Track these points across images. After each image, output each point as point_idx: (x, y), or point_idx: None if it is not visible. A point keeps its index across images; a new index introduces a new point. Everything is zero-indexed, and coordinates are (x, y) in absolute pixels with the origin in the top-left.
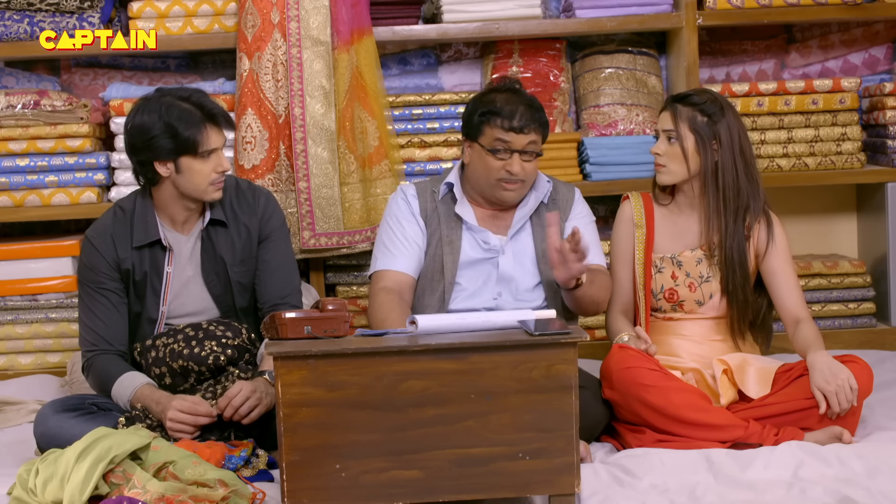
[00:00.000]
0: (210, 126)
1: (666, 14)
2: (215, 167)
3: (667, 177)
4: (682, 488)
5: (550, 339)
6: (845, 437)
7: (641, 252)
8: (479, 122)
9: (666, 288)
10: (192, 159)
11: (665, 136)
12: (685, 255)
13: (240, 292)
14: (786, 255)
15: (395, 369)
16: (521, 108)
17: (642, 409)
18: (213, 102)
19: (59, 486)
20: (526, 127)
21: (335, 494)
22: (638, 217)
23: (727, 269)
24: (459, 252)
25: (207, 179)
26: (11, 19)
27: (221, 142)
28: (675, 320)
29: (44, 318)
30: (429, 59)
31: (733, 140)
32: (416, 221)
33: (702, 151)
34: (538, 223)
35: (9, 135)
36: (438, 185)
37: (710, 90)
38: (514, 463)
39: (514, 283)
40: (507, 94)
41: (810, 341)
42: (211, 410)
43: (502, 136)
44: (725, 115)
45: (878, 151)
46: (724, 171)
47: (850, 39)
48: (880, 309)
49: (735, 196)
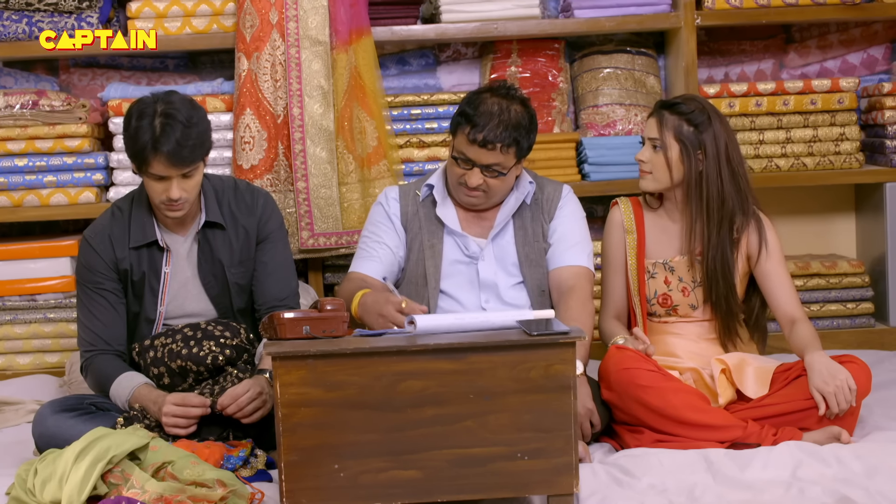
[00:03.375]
0: (156, 156)
1: (664, 14)
2: (164, 191)
3: (650, 184)
4: (680, 488)
5: (549, 339)
6: (844, 437)
7: (633, 258)
8: (456, 122)
9: (659, 293)
10: (144, 174)
11: (650, 144)
12: (676, 260)
13: (238, 293)
14: (778, 257)
15: (394, 369)
16: (493, 125)
17: (640, 410)
18: (174, 133)
19: (58, 487)
20: (490, 143)
21: (334, 494)
22: (628, 223)
23: (710, 280)
24: (441, 256)
25: (158, 199)
26: (10, 19)
27: (173, 173)
28: (670, 323)
29: (42, 319)
30: (427, 59)
31: (719, 150)
32: (393, 227)
33: (686, 161)
34: (520, 225)
35: (7, 135)
36: (422, 187)
37: (698, 97)
38: (512, 463)
39: (497, 288)
40: (487, 104)
41: (807, 341)
42: (204, 401)
43: (465, 147)
44: (712, 124)
45: (877, 151)
46: (709, 181)
47: (848, 39)
48: (879, 309)
49: (720, 206)
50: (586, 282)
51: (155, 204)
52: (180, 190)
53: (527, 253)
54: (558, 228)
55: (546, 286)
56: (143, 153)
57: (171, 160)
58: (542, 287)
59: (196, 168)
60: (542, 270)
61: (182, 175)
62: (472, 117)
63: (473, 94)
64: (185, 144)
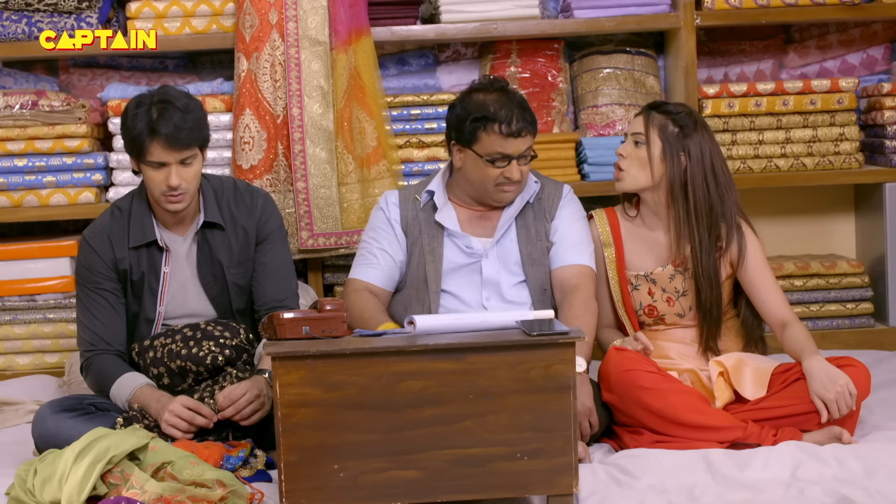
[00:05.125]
0: (155, 139)
1: (664, 14)
2: (164, 180)
3: (626, 183)
4: (680, 488)
5: (548, 340)
6: (844, 437)
7: (614, 271)
8: (474, 127)
9: (645, 304)
10: (144, 165)
11: (632, 140)
12: (657, 272)
13: (237, 294)
14: (761, 263)
15: (394, 369)
16: (516, 112)
17: (640, 411)
18: (172, 117)
19: (58, 487)
20: (523, 130)
21: (333, 495)
22: (605, 236)
23: (702, 284)
24: (442, 260)
25: (158, 189)
26: (10, 19)
27: (172, 158)
28: (661, 331)
29: (42, 319)
30: (427, 59)
31: (704, 157)
32: (393, 232)
33: (668, 160)
34: (522, 224)
35: (7, 135)
36: (422, 191)
37: (687, 105)
38: (512, 463)
39: (499, 286)
40: (497, 95)
41: (802, 344)
42: (213, 416)
43: (501, 143)
44: (698, 130)
45: (876, 151)
46: (695, 186)
47: (848, 40)
48: (878, 309)
49: (707, 212)
50: (589, 281)
51: (155, 197)
52: (179, 178)
53: (529, 252)
54: (559, 228)
55: (548, 285)
56: (140, 138)
57: (169, 142)
58: (544, 286)
59: (195, 156)
60: (544, 269)
61: (180, 162)
62: (494, 115)
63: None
64: (182, 127)
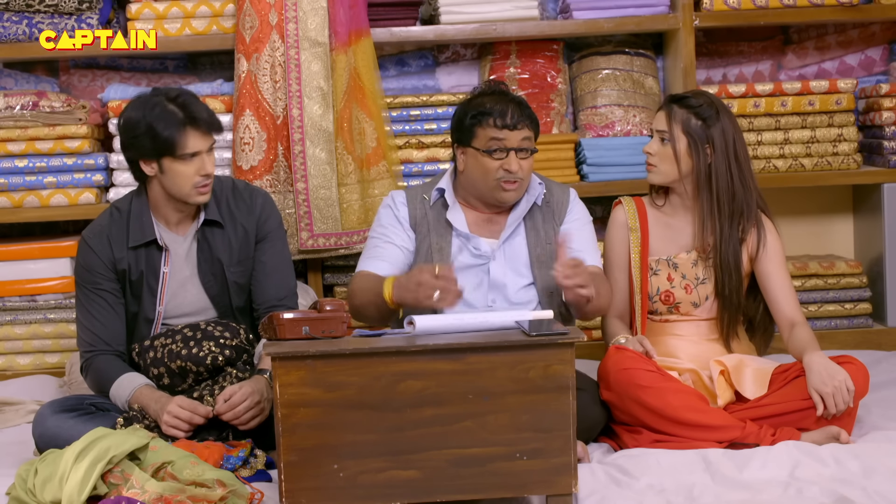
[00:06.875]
0: (191, 129)
1: (663, 15)
2: (198, 170)
3: (657, 177)
4: (679, 488)
5: (548, 340)
6: (843, 437)
7: (637, 255)
8: (471, 124)
9: (662, 290)
10: (172, 161)
11: (658, 137)
12: (681, 256)
13: (237, 293)
14: (779, 259)
15: (393, 370)
16: (511, 106)
17: (639, 410)
18: (199, 105)
19: (58, 487)
20: (519, 123)
21: (333, 494)
22: (632, 221)
23: (722, 273)
24: (449, 259)
25: (190, 182)
26: (10, 20)
27: (205, 145)
28: (670, 322)
29: (42, 319)
30: (426, 60)
31: (728, 145)
32: (402, 228)
33: (693, 154)
34: (531, 226)
35: (7, 136)
36: (430, 191)
37: (707, 93)
38: (511, 463)
39: (507, 288)
40: (494, 96)
41: (805, 344)
42: (209, 413)
43: (496, 134)
44: (721, 118)
45: (874, 152)
46: (718, 175)
47: (846, 41)
48: (876, 309)
49: (730, 200)
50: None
51: (185, 193)
52: (212, 164)
53: (538, 254)
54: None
55: (555, 287)
56: (174, 134)
57: (208, 127)
58: (551, 289)
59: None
60: (552, 272)
61: (209, 149)
62: (489, 110)
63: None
64: (210, 112)
